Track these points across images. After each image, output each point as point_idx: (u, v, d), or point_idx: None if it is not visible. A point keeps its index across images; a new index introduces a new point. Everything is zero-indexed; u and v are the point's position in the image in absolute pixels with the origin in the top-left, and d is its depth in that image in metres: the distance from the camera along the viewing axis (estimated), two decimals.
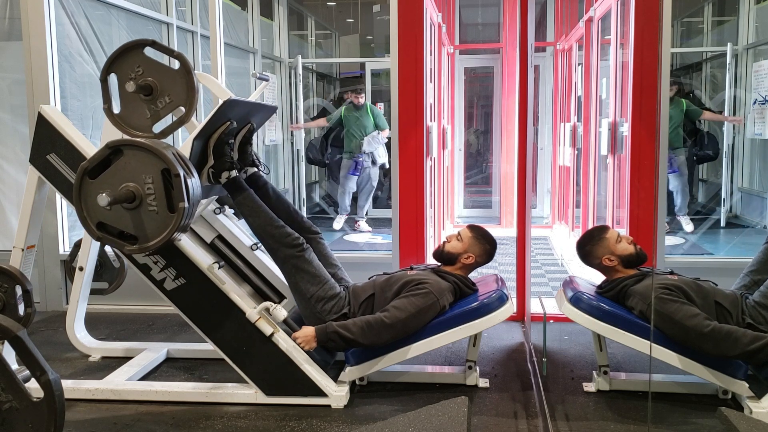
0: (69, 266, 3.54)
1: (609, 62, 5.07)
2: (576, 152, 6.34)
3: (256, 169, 3.12)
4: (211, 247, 3.16)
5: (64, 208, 4.36)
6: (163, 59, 2.64)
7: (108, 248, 3.49)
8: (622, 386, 2.90)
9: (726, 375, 2.61)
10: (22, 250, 2.99)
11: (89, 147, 2.89)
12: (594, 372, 2.95)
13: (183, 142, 2.79)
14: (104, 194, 2.39)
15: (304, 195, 7.71)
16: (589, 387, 2.92)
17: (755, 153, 6.66)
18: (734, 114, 6.73)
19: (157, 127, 2.61)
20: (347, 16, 9.38)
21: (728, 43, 6.65)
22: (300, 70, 7.45)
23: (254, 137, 3.13)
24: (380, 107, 7.44)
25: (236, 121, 2.88)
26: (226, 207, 3.30)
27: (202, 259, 2.85)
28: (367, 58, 8.46)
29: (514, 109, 7.20)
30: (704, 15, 7.96)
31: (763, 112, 6.01)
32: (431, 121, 4.87)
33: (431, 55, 5.10)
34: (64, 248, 4.34)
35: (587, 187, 5.73)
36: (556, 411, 2.71)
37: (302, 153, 7.60)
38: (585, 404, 2.77)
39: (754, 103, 6.21)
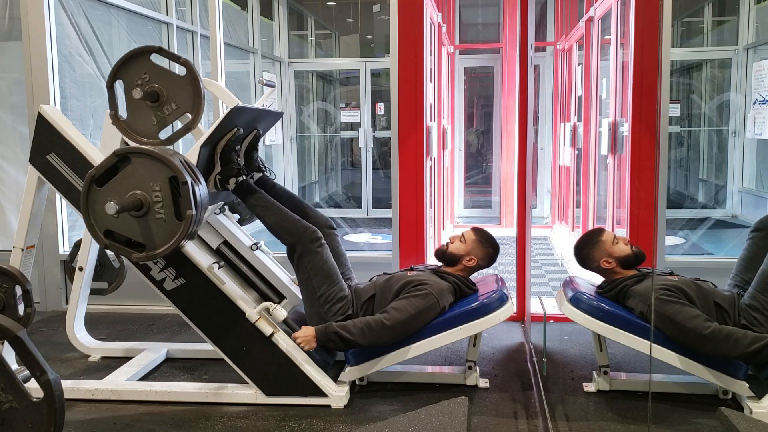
0: (69, 266, 3.54)
1: (609, 62, 5.07)
2: (576, 152, 6.34)
3: (262, 174, 3.12)
4: (214, 250, 3.16)
5: (64, 208, 4.36)
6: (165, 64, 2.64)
7: None
8: (622, 386, 2.90)
9: (726, 375, 2.61)
10: (22, 250, 2.99)
11: (89, 147, 2.89)
12: (594, 372, 2.95)
13: (187, 147, 2.78)
14: (112, 203, 2.38)
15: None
16: (589, 387, 2.92)
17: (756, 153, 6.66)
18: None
19: (163, 134, 2.61)
20: (347, 16, 9.37)
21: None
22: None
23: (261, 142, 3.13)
24: (380, 107, 7.38)
25: (243, 128, 2.88)
26: (227, 208, 3.29)
27: (202, 259, 2.84)
28: (367, 58, 8.45)
29: (514, 109, 7.20)
30: (704, 15, 7.96)
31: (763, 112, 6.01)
32: (431, 121, 4.87)
33: (431, 55, 5.09)
34: (64, 248, 4.34)
35: (587, 187, 5.73)
36: (556, 411, 2.71)
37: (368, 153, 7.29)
38: (585, 404, 2.77)
39: (755, 103, 6.20)
